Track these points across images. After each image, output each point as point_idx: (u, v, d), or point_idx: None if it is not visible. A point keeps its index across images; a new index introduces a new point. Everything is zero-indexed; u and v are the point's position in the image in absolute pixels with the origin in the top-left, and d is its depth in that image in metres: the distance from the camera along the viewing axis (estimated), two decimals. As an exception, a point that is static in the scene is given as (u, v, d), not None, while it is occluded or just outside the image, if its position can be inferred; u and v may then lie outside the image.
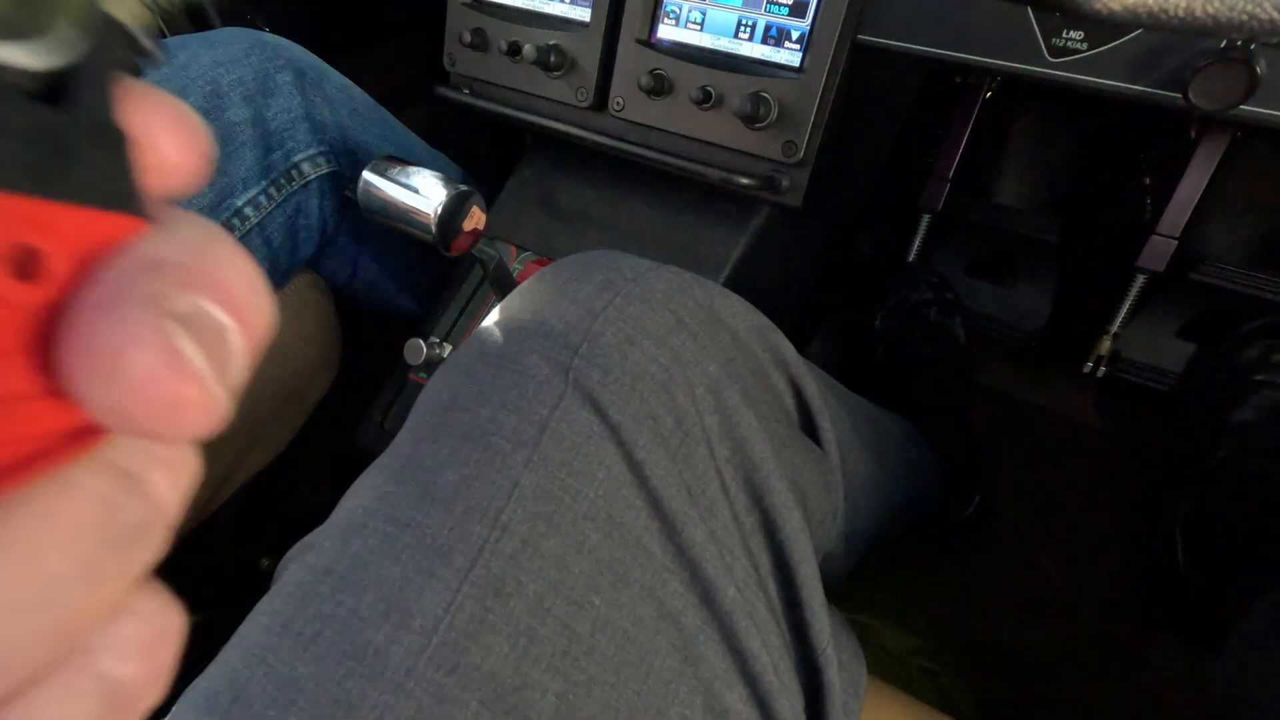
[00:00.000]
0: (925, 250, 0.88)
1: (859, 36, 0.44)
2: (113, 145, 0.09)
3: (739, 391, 0.32)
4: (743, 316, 0.35)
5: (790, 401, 0.38)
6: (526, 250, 0.60)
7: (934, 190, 0.83)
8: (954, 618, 0.70)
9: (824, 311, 0.88)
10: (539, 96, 0.55)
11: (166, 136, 0.10)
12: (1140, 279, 0.76)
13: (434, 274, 0.64)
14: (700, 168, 0.49)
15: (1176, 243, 0.72)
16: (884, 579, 0.71)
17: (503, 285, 0.54)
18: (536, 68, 0.53)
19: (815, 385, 0.39)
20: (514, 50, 0.54)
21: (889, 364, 0.81)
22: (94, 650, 0.09)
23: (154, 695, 0.10)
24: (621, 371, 0.29)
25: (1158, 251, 0.73)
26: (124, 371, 0.08)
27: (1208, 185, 0.70)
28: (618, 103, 0.52)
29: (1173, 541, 0.68)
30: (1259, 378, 0.70)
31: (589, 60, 0.52)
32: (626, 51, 0.51)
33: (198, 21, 0.66)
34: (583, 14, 0.52)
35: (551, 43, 0.52)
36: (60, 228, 0.08)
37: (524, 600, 0.24)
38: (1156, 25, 0.18)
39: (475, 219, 0.49)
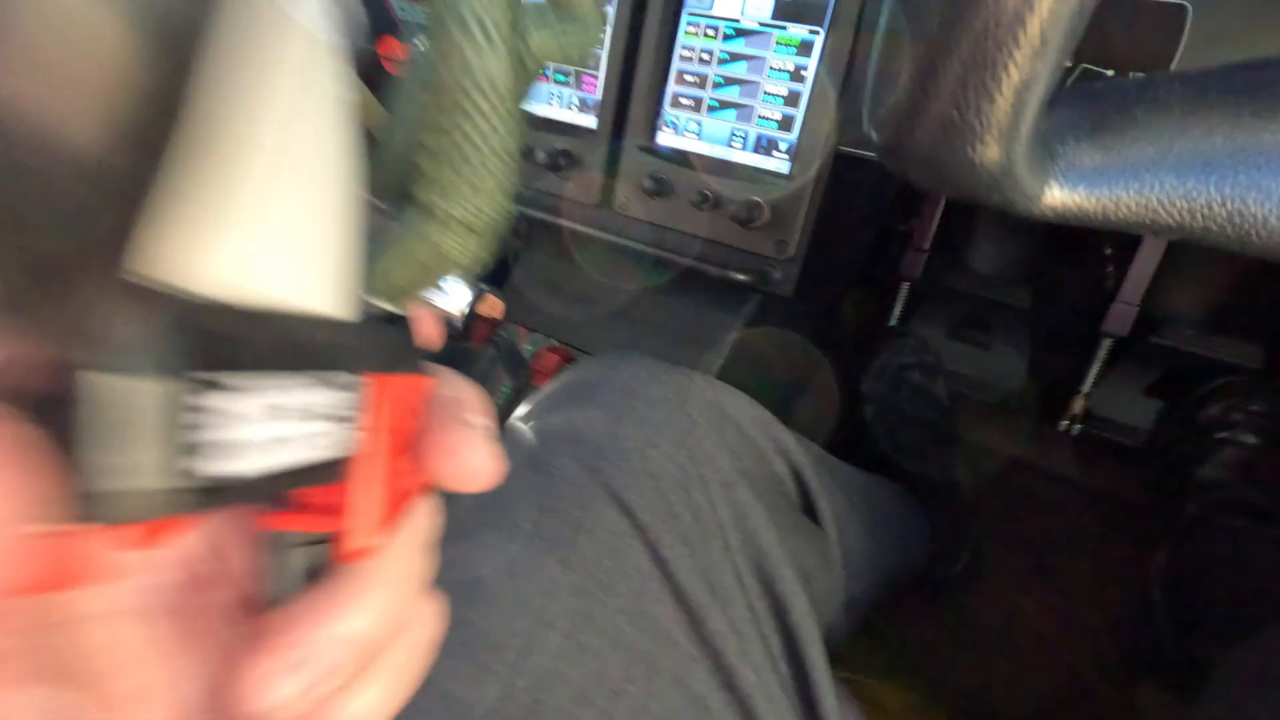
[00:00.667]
0: (906, 315, 0.93)
1: (840, 148, 0.50)
2: (411, 330, 0.16)
3: (748, 485, 0.35)
4: (747, 411, 0.39)
5: (791, 485, 0.41)
6: (536, 332, 0.64)
7: (912, 259, 0.88)
8: (946, 672, 0.72)
9: (812, 377, 0.93)
10: (549, 194, 0.60)
11: (427, 316, 0.17)
12: (1107, 342, 0.81)
13: (446, 355, 0.68)
14: (699, 264, 0.54)
15: (1138, 309, 0.78)
16: (877, 635, 0.73)
17: (514, 365, 0.58)
18: (546, 169, 0.58)
19: (813, 468, 0.42)
20: (525, 152, 0.59)
21: (876, 425, 0.85)
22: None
23: None
24: (644, 473, 0.32)
25: (1121, 316, 0.79)
26: (471, 461, 0.15)
27: (1163, 256, 0.76)
28: (622, 201, 0.57)
29: (1150, 594, 0.71)
30: (1220, 435, 0.75)
31: (595, 163, 0.57)
32: (630, 156, 0.56)
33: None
34: (589, 122, 0.57)
35: (560, 147, 0.57)
36: (414, 387, 0.15)
37: (568, 690, 0.27)
38: (1095, 225, 0.23)
39: (493, 307, 0.53)
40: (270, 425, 0.11)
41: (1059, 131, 0.21)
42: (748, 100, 0.51)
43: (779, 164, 0.51)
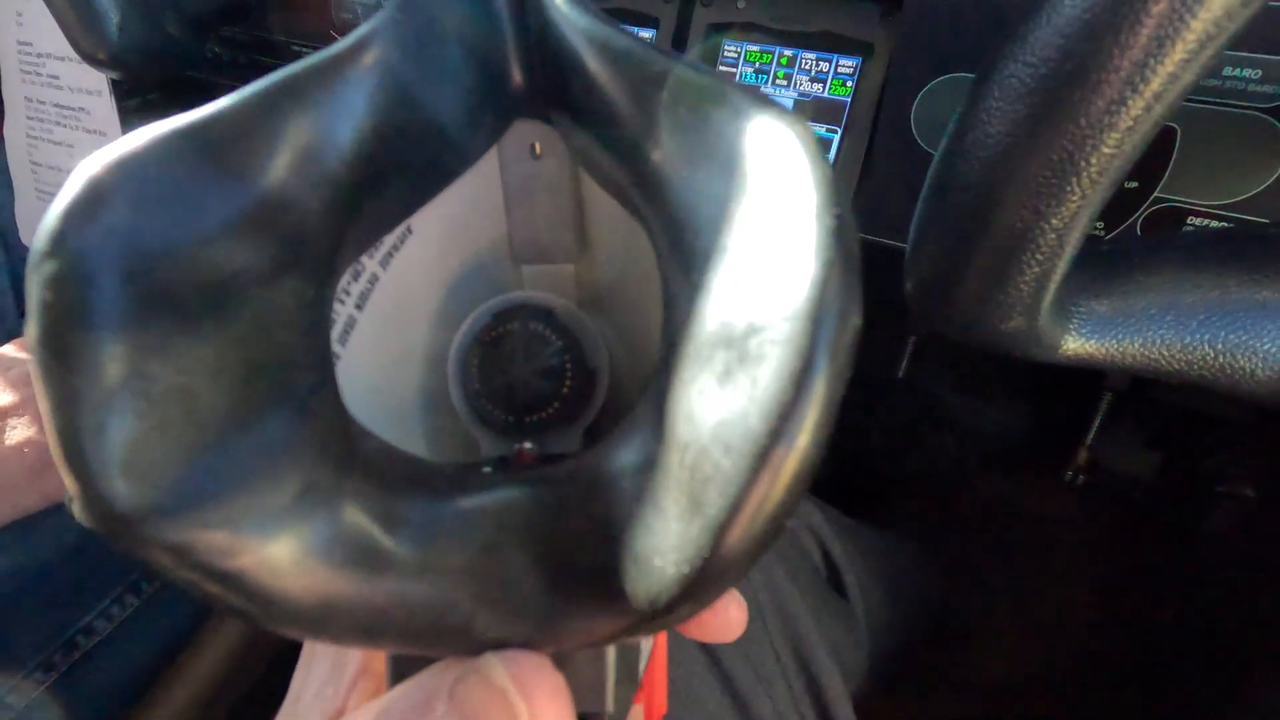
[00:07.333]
0: (913, 369, 0.96)
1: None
2: None
3: (784, 567, 0.38)
4: None
5: (818, 559, 0.44)
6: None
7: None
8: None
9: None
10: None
11: None
12: (1108, 396, 0.84)
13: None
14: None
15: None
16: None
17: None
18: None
19: (838, 541, 0.45)
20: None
21: (885, 477, 0.88)
22: None
23: None
24: (690, 560, 0.35)
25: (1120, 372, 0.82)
26: (733, 612, 0.18)
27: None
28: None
29: (1159, 645, 0.73)
30: (1220, 489, 0.77)
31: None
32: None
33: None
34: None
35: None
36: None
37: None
38: (1107, 370, 0.26)
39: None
40: None
41: (1073, 292, 0.24)
42: (770, 189, 0.55)
43: (799, 248, 0.55)
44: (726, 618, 0.18)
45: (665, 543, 0.10)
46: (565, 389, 0.16)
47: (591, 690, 0.13)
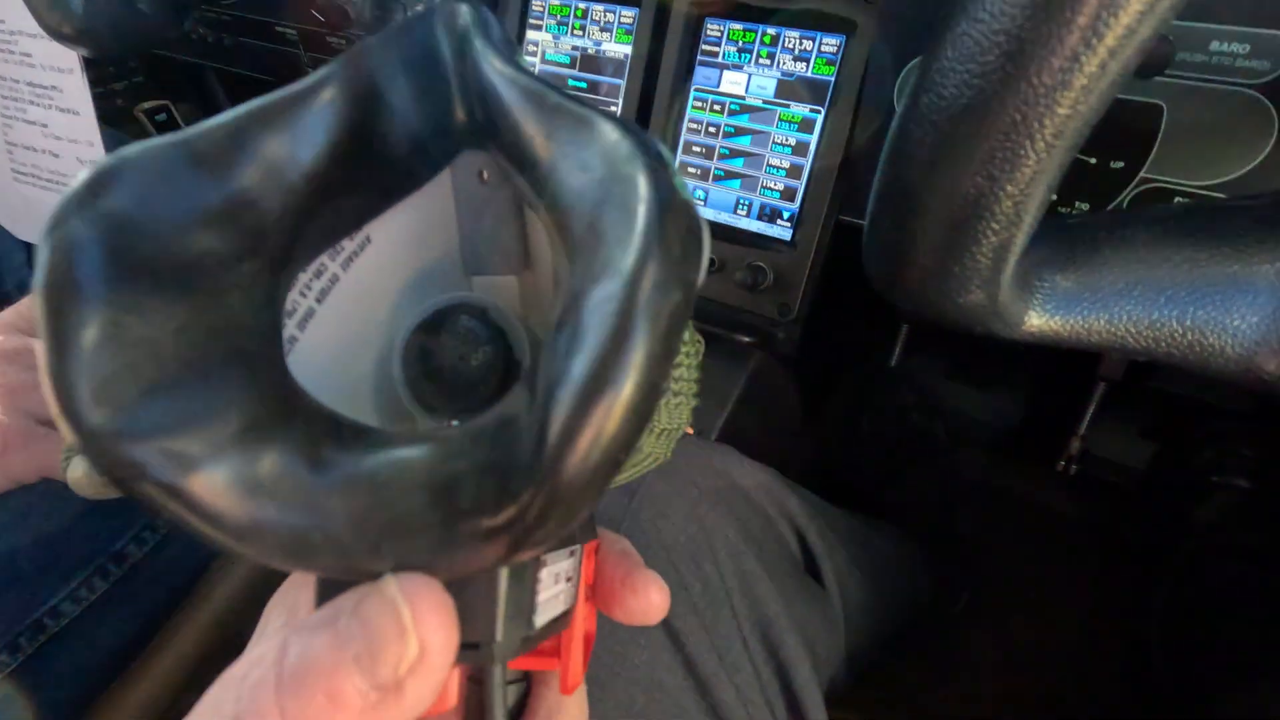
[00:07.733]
0: (906, 356, 0.95)
1: (840, 217, 0.52)
2: None
3: (754, 553, 0.37)
4: (753, 477, 0.41)
5: (795, 547, 0.43)
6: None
7: (911, 303, 0.91)
8: (944, 712, 0.73)
9: (813, 422, 0.95)
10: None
11: None
12: (1102, 386, 0.83)
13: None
14: (706, 325, 0.56)
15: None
16: (874, 675, 0.74)
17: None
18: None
19: (815, 529, 0.44)
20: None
21: (876, 466, 0.87)
22: None
23: None
24: (658, 545, 0.34)
25: (1115, 361, 0.81)
26: (655, 597, 0.19)
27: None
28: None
29: (1147, 633, 0.73)
30: (1215, 479, 0.76)
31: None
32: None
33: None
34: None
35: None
36: (594, 547, 0.20)
37: (586, 761, 0.29)
38: (1071, 348, 0.25)
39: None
40: (551, 588, 0.17)
41: (1036, 267, 0.24)
42: (752, 171, 0.54)
43: (782, 231, 0.54)
44: (647, 600, 0.18)
45: (522, 475, 0.12)
46: (492, 377, 0.18)
47: (483, 620, 0.15)
